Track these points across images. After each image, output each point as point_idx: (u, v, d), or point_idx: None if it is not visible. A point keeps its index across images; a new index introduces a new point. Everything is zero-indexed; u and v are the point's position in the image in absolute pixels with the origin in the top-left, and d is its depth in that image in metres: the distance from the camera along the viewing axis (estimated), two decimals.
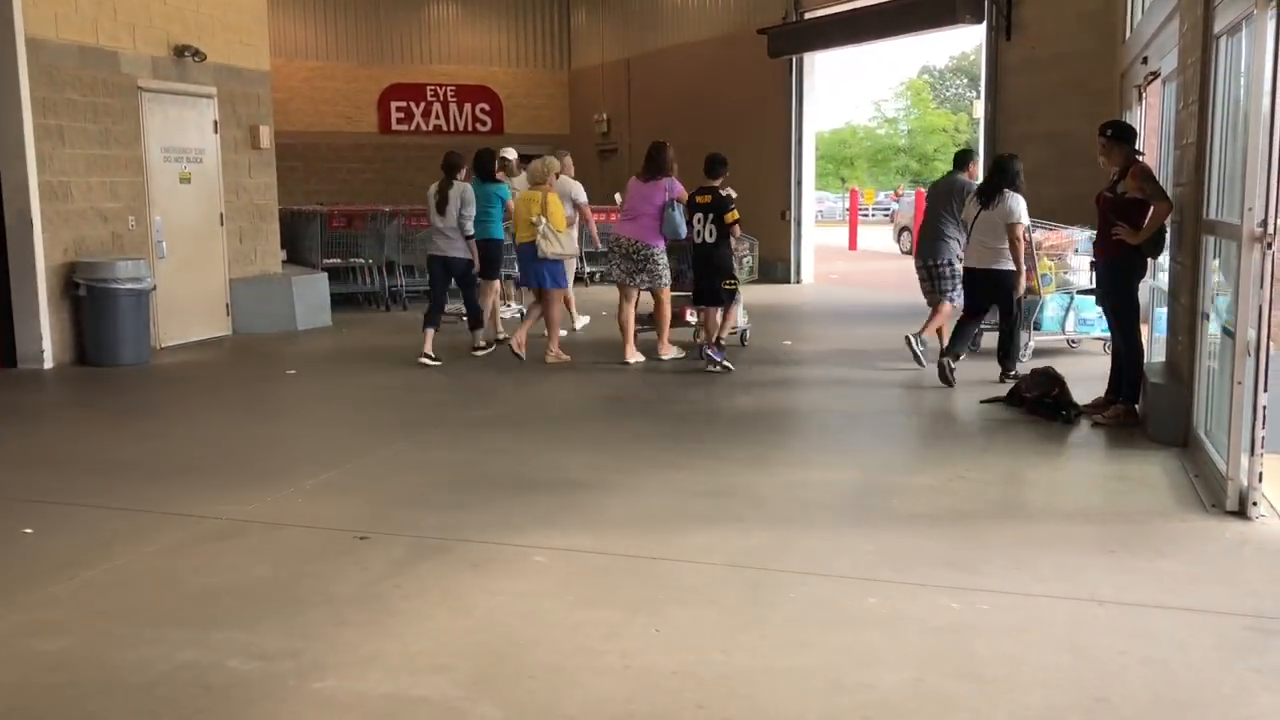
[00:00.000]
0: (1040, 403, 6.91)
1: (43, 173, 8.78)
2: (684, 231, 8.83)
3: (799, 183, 16.60)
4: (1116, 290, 6.68)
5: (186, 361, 9.49)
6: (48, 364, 8.79)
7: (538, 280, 9.19)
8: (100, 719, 3.09)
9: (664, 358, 9.16)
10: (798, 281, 16.63)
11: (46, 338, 8.82)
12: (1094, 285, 6.95)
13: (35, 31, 8.74)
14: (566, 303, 10.18)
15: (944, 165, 49.02)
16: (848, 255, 24.68)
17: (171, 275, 10.05)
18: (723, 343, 8.82)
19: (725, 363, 8.61)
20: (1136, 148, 6.79)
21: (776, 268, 16.87)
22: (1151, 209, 6.40)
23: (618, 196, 11.74)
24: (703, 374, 8.54)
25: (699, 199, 8.79)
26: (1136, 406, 6.72)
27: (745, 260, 10.24)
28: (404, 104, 21.72)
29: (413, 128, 21.79)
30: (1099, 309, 7.58)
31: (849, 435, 6.72)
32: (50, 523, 4.88)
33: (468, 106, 22.07)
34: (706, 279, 8.83)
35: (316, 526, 4.80)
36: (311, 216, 13.62)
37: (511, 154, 11.28)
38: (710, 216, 8.69)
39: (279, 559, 4.39)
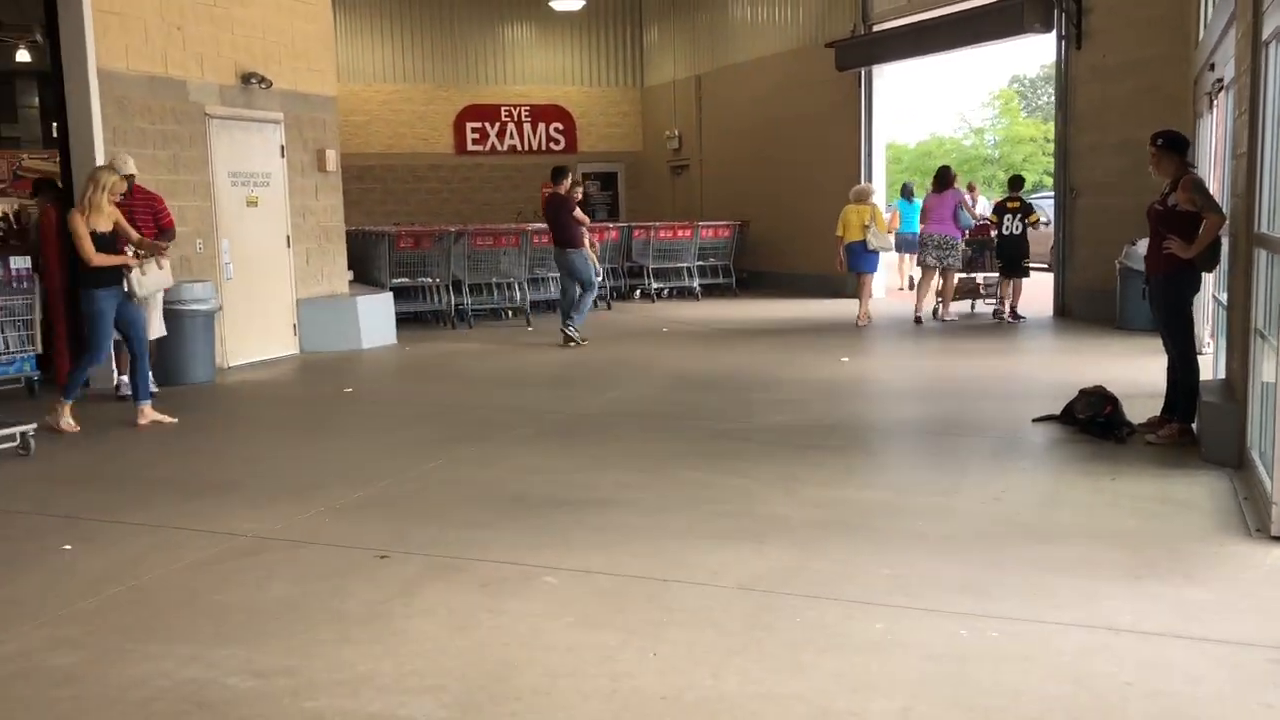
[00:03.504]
0: (1093, 422, 6.72)
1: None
2: (973, 223, 13.39)
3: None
4: (1169, 305, 6.47)
5: (249, 380, 9.75)
6: (115, 383, 9.09)
7: (867, 266, 13.06)
8: None
9: (944, 319, 13.10)
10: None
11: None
12: (1146, 300, 6.73)
13: (107, 63, 9.09)
14: (868, 293, 13.32)
15: (1031, 176, 48.15)
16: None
17: (238, 296, 10.33)
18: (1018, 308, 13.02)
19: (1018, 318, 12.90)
20: (1188, 158, 6.57)
21: (846, 282, 16.67)
22: (1204, 222, 6.20)
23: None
24: (743, 392, 8.54)
25: (1009, 204, 12.90)
26: (1193, 425, 6.50)
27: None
28: (479, 125, 22.04)
29: (488, 148, 22.10)
30: None
31: (888, 454, 6.62)
32: (90, 539, 5.05)
33: (541, 126, 22.30)
34: (1013, 259, 12.85)
35: (339, 545, 4.88)
36: (379, 237, 13.89)
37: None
38: (1018, 216, 12.77)
39: (296, 576, 4.47)
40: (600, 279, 12.55)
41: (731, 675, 3.46)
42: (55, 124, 10.77)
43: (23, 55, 19.87)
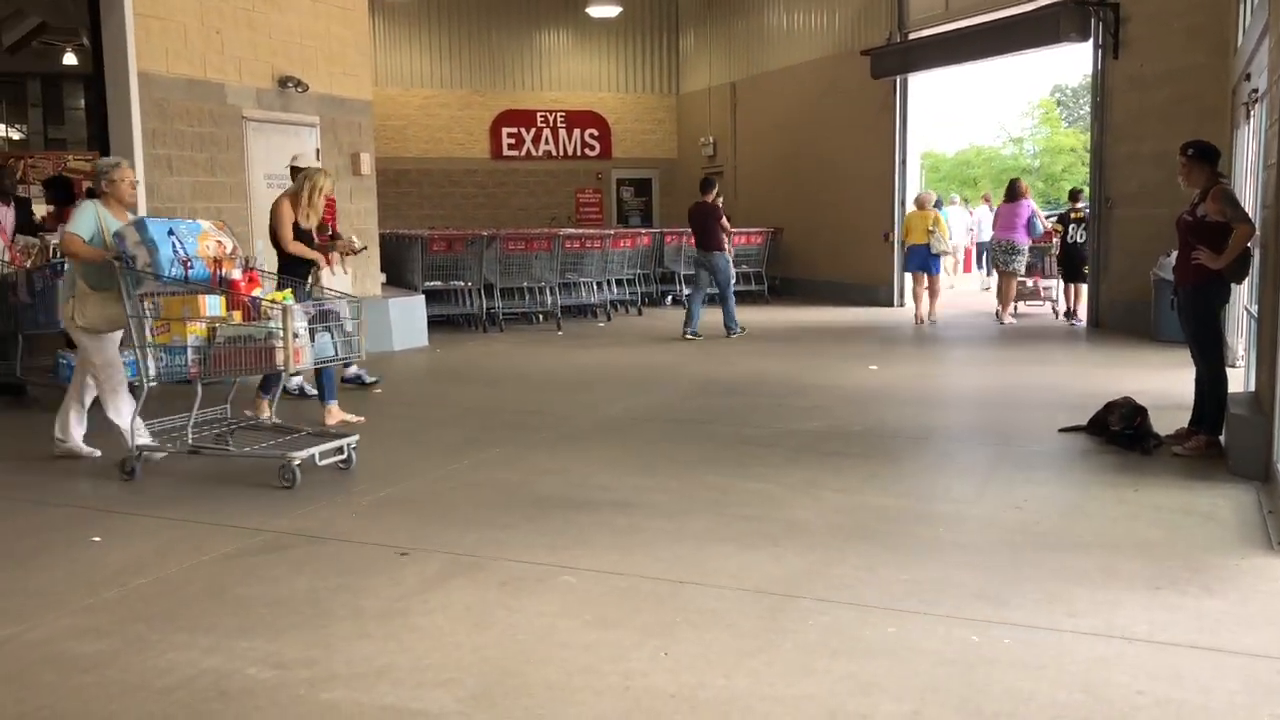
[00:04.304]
0: (1120, 434, 6.68)
1: (151, 200, 9.27)
2: (1041, 232, 14.41)
3: (902, 204, 16.35)
4: (1197, 317, 6.43)
5: None
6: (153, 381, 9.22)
7: (929, 268, 14.06)
8: None
9: (1003, 323, 13.97)
10: (900, 305, 16.37)
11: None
12: (1175, 311, 6.68)
13: (147, 66, 9.27)
14: (934, 293, 14.29)
15: (1071, 184, 47.75)
16: (959, 276, 24.09)
17: None
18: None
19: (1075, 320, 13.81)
20: (1220, 169, 6.52)
21: (878, 290, 16.66)
22: (1233, 232, 6.16)
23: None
24: (770, 398, 8.56)
25: (1074, 214, 13.73)
26: (1220, 438, 6.45)
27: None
28: (515, 130, 22.19)
29: (523, 153, 22.25)
30: None
31: (912, 461, 6.61)
32: (118, 531, 5.15)
33: (577, 132, 22.43)
34: (1075, 265, 13.68)
35: (362, 541, 4.95)
36: (412, 240, 14.01)
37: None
38: (1081, 226, 13.50)
39: (319, 572, 4.54)
40: (735, 280, 14.04)
41: (743, 676, 3.48)
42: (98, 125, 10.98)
43: (70, 58, 20.24)
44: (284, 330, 5.80)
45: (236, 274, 6.11)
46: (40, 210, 13.98)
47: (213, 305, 5.90)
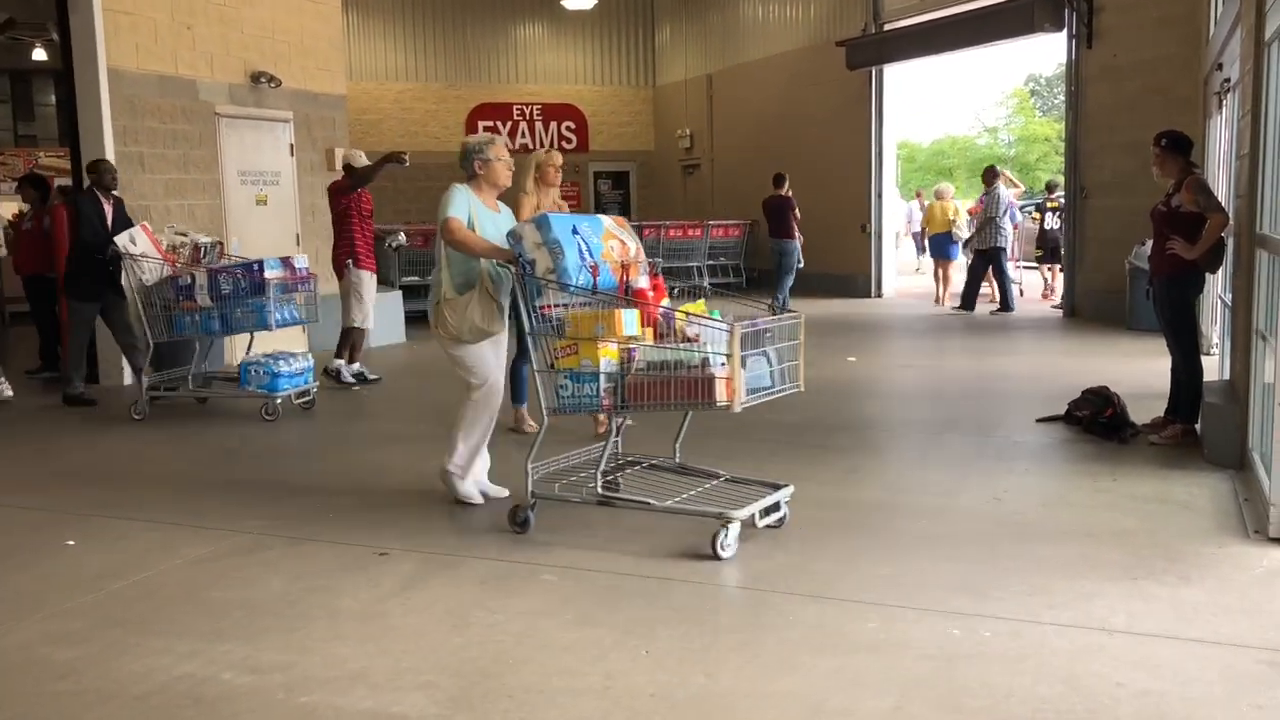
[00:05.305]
0: (1095, 422, 6.71)
1: (124, 197, 9.15)
2: (1020, 220, 15.65)
3: (879, 195, 16.40)
4: (1173, 306, 6.45)
5: None
6: (126, 379, 9.15)
7: (947, 254, 15.38)
8: None
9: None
10: (877, 295, 16.42)
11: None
12: (1150, 301, 6.72)
13: (117, 62, 9.16)
14: (946, 278, 15.53)
15: (1045, 176, 47.96)
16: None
17: None
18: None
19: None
20: (1193, 159, 6.55)
21: (856, 280, 16.69)
22: (1207, 222, 6.19)
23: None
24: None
25: (1050, 204, 15.01)
26: (1196, 427, 6.48)
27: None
28: (491, 124, 22.02)
29: None
30: None
31: (891, 453, 6.63)
32: (92, 535, 5.09)
33: (553, 125, 22.33)
34: (1053, 250, 14.75)
35: (340, 542, 4.91)
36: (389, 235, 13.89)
37: None
38: (1057, 214, 14.49)
39: (296, 573, 4.50)
40: (802, 265, 14.79)
41: (724, 673, 3.47)
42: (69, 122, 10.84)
43: (39, 54, 20.01)
44: (732, 355, 4.51)
45: (643, 282, 4.94)
46: (12, 207, 13.84)
47: (629, 322, 4.72)
